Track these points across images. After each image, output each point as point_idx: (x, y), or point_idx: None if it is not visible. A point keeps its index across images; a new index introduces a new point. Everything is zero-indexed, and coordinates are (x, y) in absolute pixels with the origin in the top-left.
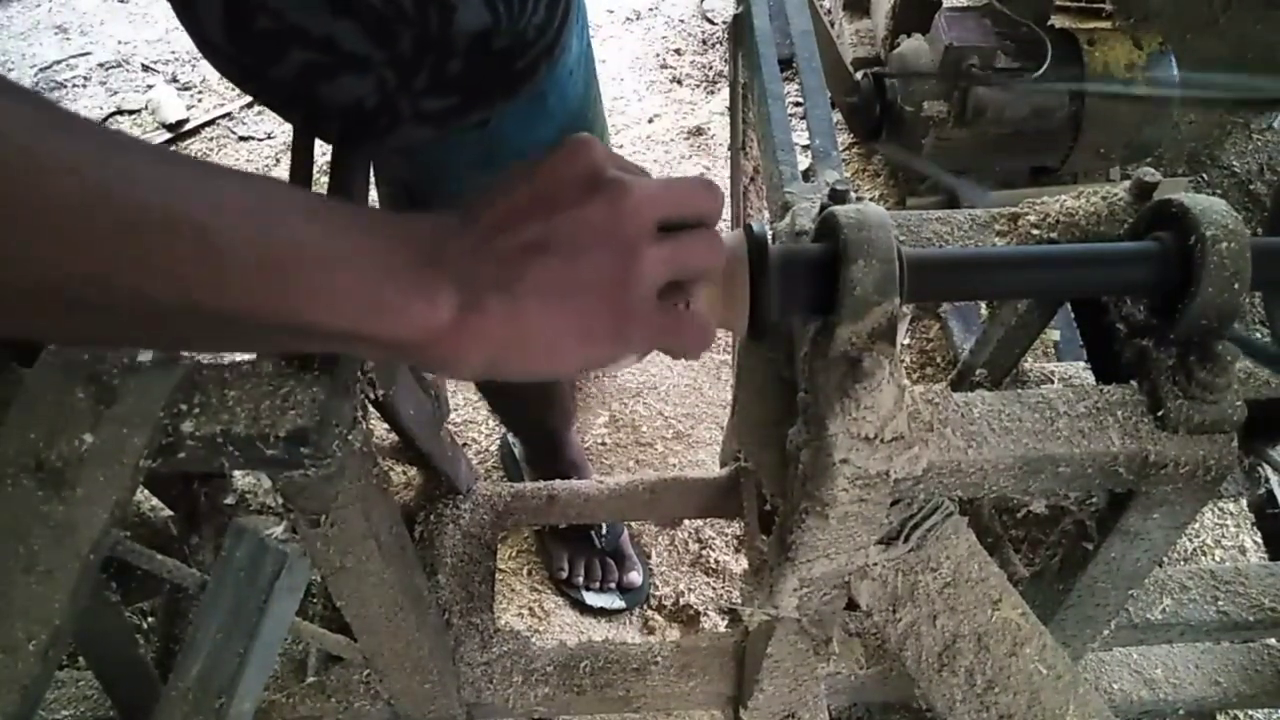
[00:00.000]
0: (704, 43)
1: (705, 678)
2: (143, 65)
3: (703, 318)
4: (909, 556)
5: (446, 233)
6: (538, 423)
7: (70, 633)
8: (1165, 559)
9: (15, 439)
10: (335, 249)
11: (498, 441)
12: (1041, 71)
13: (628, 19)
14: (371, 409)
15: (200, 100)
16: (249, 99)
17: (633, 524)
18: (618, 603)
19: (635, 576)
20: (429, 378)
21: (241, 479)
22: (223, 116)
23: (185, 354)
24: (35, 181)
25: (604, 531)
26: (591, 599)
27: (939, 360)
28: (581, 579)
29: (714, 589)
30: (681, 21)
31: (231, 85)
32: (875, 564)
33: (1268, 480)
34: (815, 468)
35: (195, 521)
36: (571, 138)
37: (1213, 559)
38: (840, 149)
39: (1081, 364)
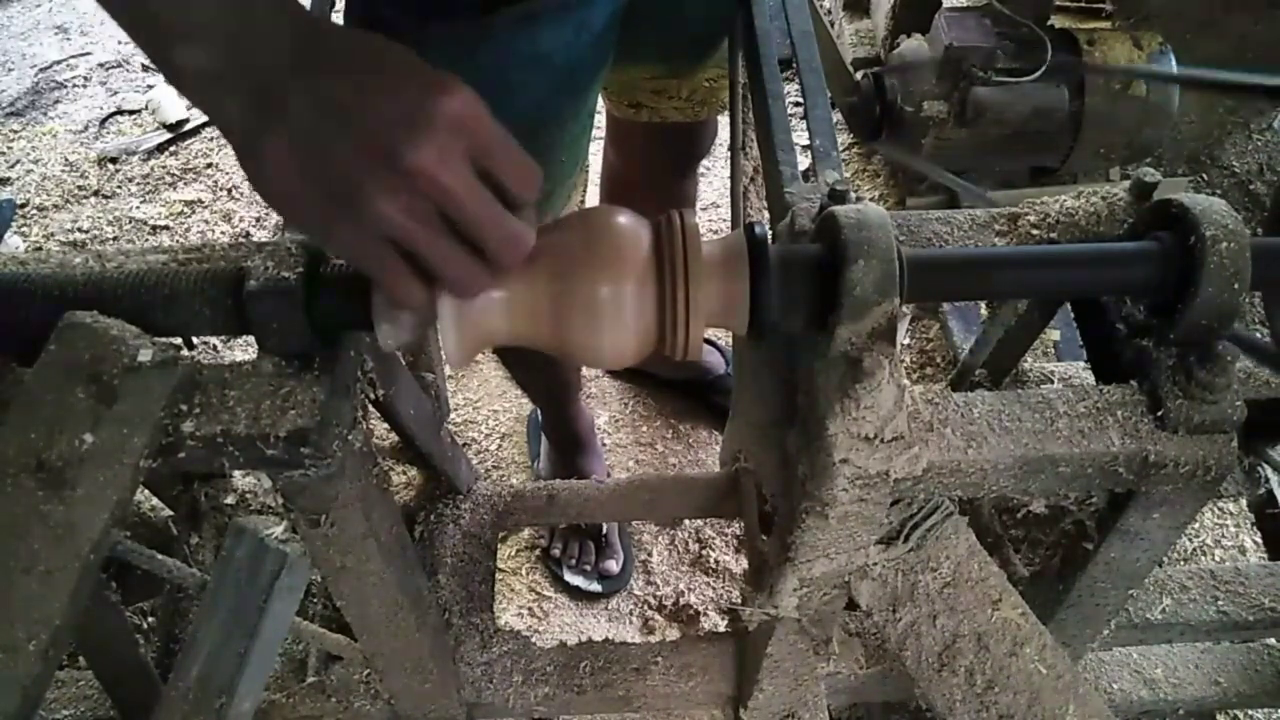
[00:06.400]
0: None
1: (705, 678)
2: (143, 65)
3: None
4: (909, 556)
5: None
6: (542, 389)
7: (70, 633)
8: (1165, 559)
9: (15, 439)
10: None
11: (498, 441)
12: (1041, 72)
13: None
14: (371, 409)
15: None
16: None
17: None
18: (594, 586)
19: (613, 565)
20: (429, 378)
21: (241, 479)
22: None
23: (185, 349)
24: None
25: None
26: (569, 576)
27: (939, 360)
28: (559, 553)
29: (714, 589)
30: None
31: None
32: (875, 564)
33: (1268, 480)
34: (815, 468)
35: (195, 521)
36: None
37: (1213, 559)
38: (840, 149)
39: (1081, 364)
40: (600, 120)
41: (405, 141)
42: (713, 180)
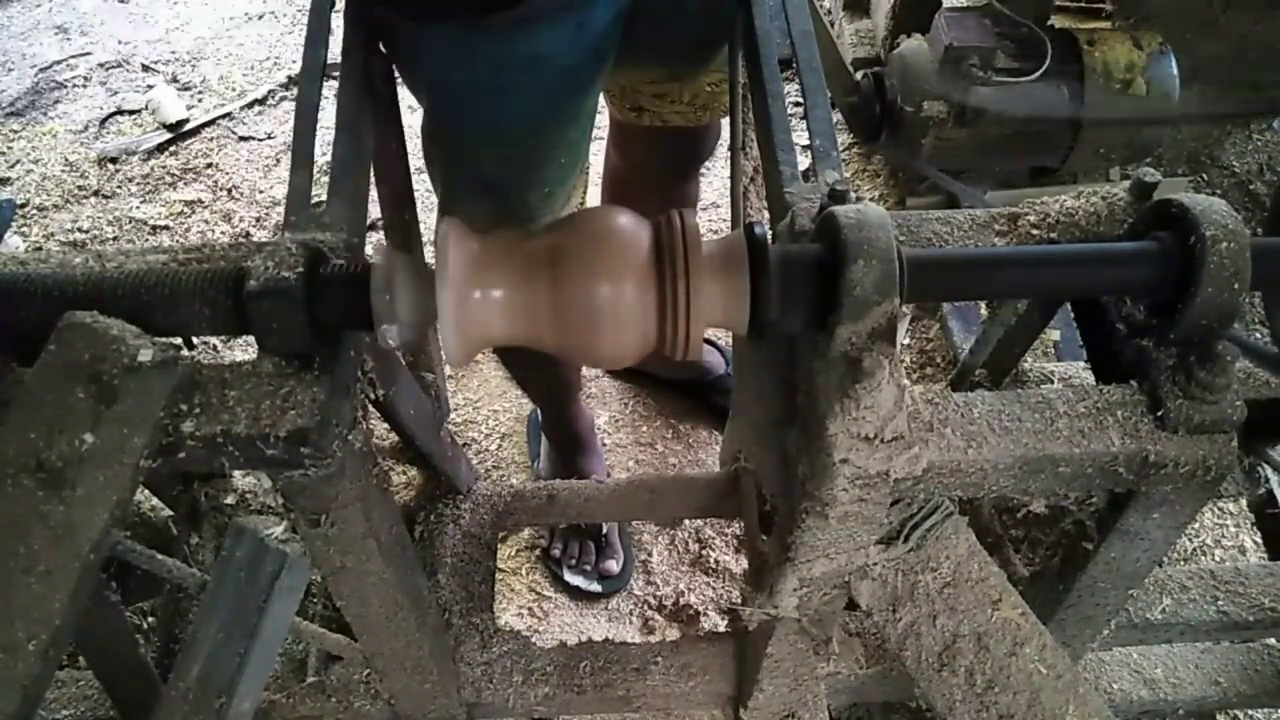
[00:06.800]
0: None
1: (705, 678)
2: (143, 65)
3: None
4: (909, 556)
5: None
6: (542, 389)
7: (70, 633)
8: (1165, 559)
9: (15, 439)
10: None
11: (498, 441)
12: (1041, 71)
13: None
14: (371, 409)
15: (200, 100)
16: (249, 99)
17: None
18: (594, 586)
19: (613, 565)
20: (429, 378)
21: (241, 479)
22: (223, 116)
23: (185, 349)
24: None
25: None
26: (569, 576)
27: (939, 360)
28: (560, 554)
29: (714, 589)
30: None
31: (231, 85)
32: (875, 564)
33: (1268, 480)
34: (815, 468)
35: (195, 521)
36: None
37: (1213, 559)
38: (840, 149)
39: (1081, 364)
40: (603, 122)
41: None
42: (713, 180)
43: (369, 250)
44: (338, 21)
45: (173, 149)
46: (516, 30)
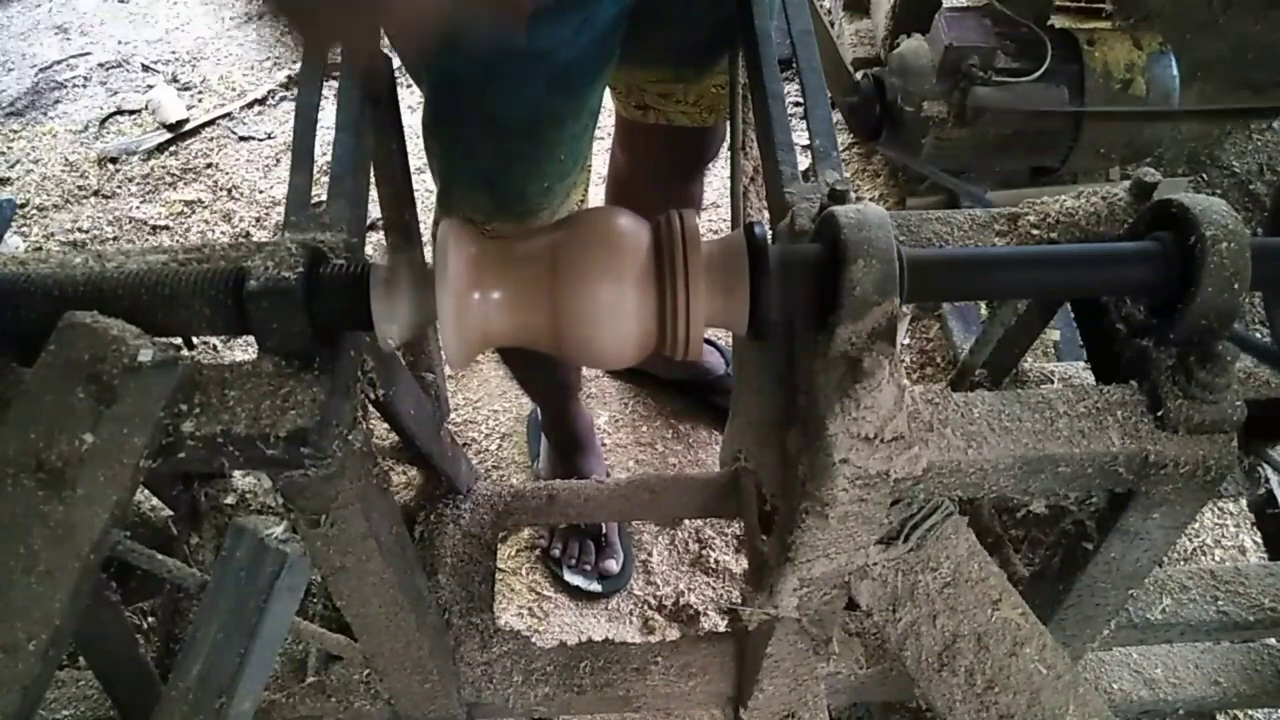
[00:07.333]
0: None
1: (705, 678)
2: (143, 65)
3: None
4: (909, 556)
5: None
6: (542, 389)
7: (70, 633)
8: (1165, 559)
9: (15, 439)
10: None
11: (498, 441)
12: (1041, 71)
13: None
14: (371, 409)
15: (200, 100)
16: (249, 99)
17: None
18: (594, 585)
19: (613, 565)
20: (429, 378)
21: (241, 479)
22: (223, 116)
23: (185, 349)
24: None
25: None
26: (569, 576)
27: (939, 360)
28: (560, 553)
29: (714, 589)
30: None
31: (231, 85)
32: (875, 564)
33: (1268, 480)
34: (815, 468)
35: (195, 521)
36: None
37: (1213, 559)
38: (840, 149)
39: (1081, 364)
40: (608, 122)
41: None
42: (713, 180)
43: (369, 250)
44: None
45: (173, 149)
46: None
